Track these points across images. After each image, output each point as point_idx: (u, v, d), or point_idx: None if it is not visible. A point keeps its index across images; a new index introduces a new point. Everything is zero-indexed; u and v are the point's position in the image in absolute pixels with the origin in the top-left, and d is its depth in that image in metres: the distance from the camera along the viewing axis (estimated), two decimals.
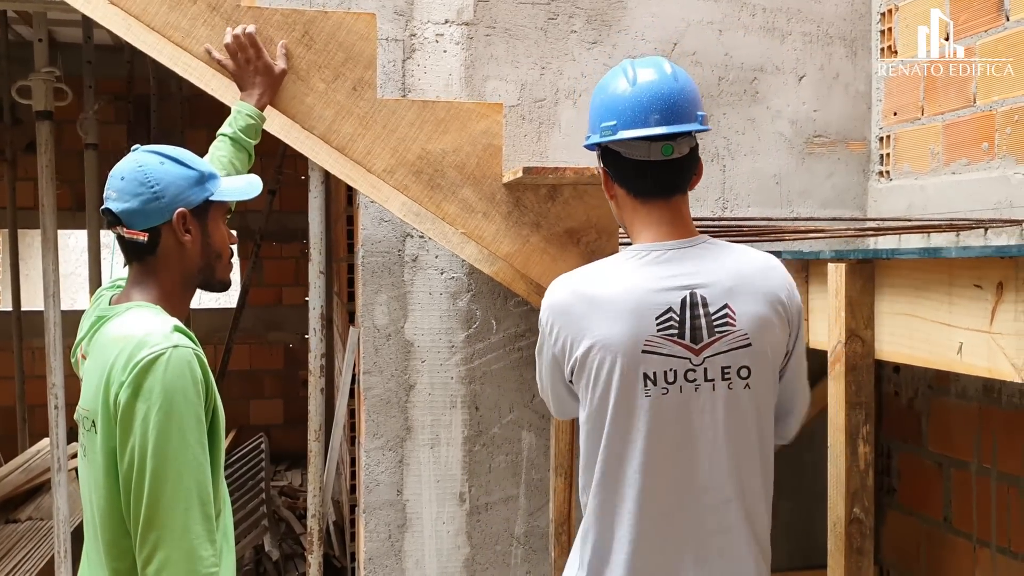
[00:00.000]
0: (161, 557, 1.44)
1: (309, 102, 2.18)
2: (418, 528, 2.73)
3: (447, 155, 2.24)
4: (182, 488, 1.46)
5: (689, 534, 1.67)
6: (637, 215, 1.74)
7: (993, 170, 2.56)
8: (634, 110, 1.68)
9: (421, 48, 2.72)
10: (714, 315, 1.64)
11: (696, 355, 1.63)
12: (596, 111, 1.76)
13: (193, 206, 1.64)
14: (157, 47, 2.19)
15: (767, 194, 2.97)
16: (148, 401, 1.45)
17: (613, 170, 1.75)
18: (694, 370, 1.63)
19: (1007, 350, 1.57)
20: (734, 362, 1.65)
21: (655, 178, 1.70)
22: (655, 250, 1.69)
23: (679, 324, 1.63)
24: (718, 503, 1.67)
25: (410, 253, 2.71)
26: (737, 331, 1.65)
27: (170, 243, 1.63)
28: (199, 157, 1.71)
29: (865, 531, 1.90)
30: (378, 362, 2.70)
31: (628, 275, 1.68)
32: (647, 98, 1.69)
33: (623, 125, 1.69)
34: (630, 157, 1.69)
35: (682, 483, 1.66)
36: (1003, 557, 2.70)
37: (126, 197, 1.60)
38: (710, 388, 1.64)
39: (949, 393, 2.93)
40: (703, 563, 1.66)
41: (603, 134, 1.71)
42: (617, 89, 1.72)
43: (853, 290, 1.92)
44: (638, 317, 1.62)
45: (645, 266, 1.68)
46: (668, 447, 1.64)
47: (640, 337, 1.62)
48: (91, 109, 4.13)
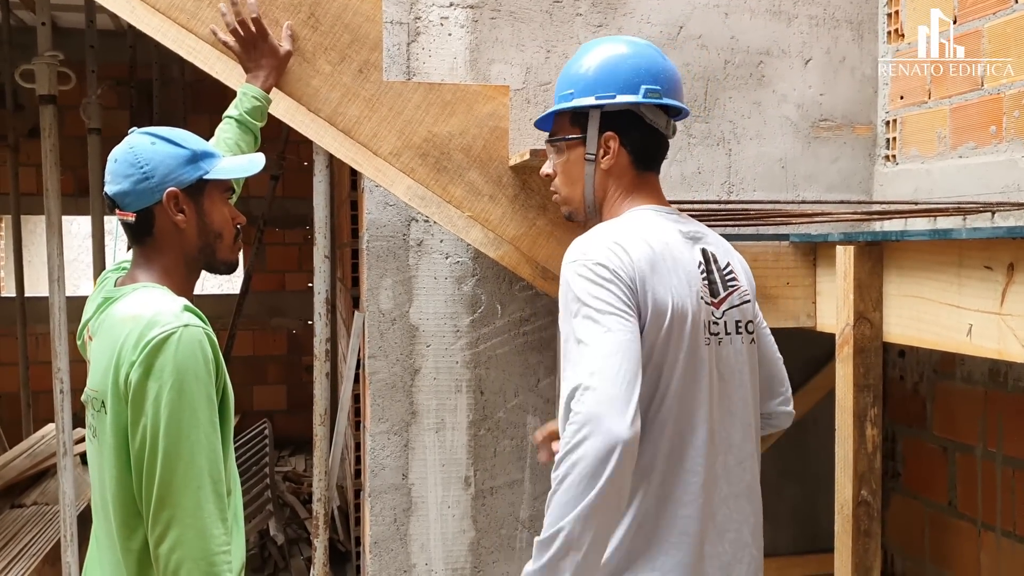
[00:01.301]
0: (174, 536, 1.44)
1: (315, 84, 2.17)
2: (423, 512, 2.74)
3: (453, 138, 2.23)
4: (194, 467, 1.46)
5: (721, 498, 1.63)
6: (635, 185, 1.73)
7: (1000, 153, 2.55)
8: (672, 83, 1.73)
9: (426, 31, 2.71)
10: (724, 270, 1.69)
11: (717, 308, 1.65)
12: (631, 71, 1.70)
13: (185, 185, 1.62)
14: (161, 29, 2.18)
15: (773, 178, 2.96)
16: (160, 380, 1.45)
17: (631, 136, 1.72)
18: (717, 323, 1.65)
19: (1017, 332, 1.56)
20: (743, 316, 1.70)
21: (660, 151, 1.76)
22: (665, 211, 1.72)
23: (708, 278, 1.66)
24: (742, 460, 1.67)
25: (415, 237, 2.71)
26: (741, 287, 1.71)
27: (166, 224, 1.63)
28: (198, 137, 1.69)
29: (872, 513, 1.90)
30: (383, 346, 2.70)
31: (664, 227, 1.66)
32: (676, 74, 1.75)
33: (667, 93, 1.71)
34: (655, 126, 1.71)
35: (727, 438, 1.64)
36: (1007, 541, 2.71)
37: (119, 179, 1.60)
38: (729, 341, 1.66)
39: (954, 377, 2.92)
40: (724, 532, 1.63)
41: (648, 95, 1.69)
42: (648, 53, 1.73)
43: (862, 272, 1.91)
44: (689, 264, 1.63)
45: (670, 222, 1.68)
46: (720, 399, 1.64)
47: (694, 286, 1.61)
48: (94, 94, 4.12)
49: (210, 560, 1.45)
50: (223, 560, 1.46)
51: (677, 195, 2.82)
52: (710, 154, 2.90)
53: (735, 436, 1.66)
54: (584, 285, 1.51)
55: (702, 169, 2.89)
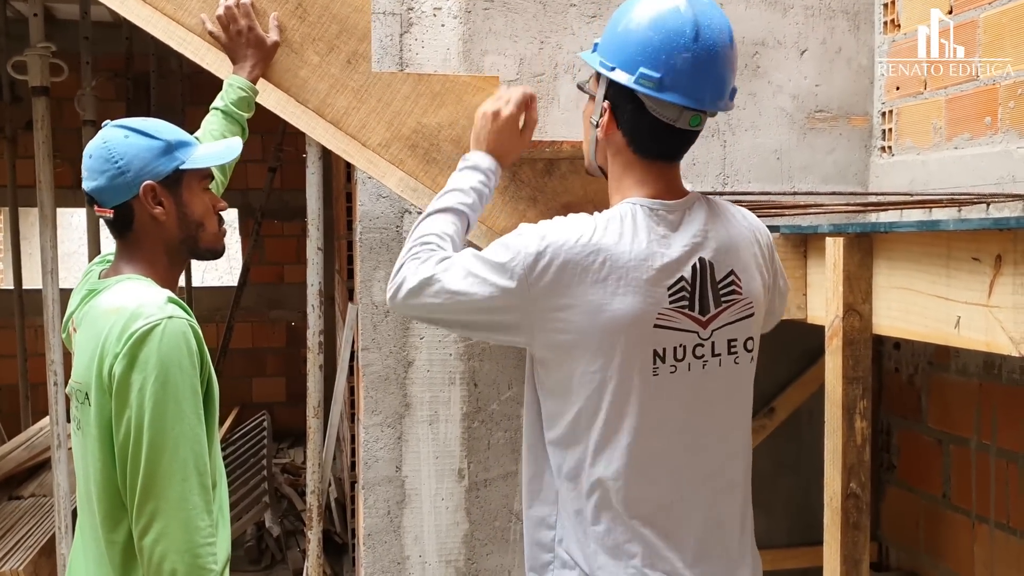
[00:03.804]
0: (158, 527, 1.44)
1: (303, 75, 2.16)
2: (417, 504, 2.74)
3: (443, 129, 2.22)
4: (178, 459, 1.46)
5: (690, 527, 1.55)
6: (633, 169, 1.56)
7: (996, 145, 2.53)
8: (689, 75, 1.45)
9: (419, 22, 2.69)
10: (721, 282, 1.52)
11: (704, 328, 1.50)
12: (637, 42, 1.47)
13: (162, 177, 1.60)
14: (151, 20, 2.17)
15: (768, 170, 2.95)
16: (144, 372, 1.45)
17: (626, 117, 1.52)
18: (702, 345, 1.50)
19: (1005, 324, 1.56)
20: (740, 334, 1.55)
21: (669, 142, 1.54)
22: (660, 208, 1.51)
23: (691, 296, 1.49)
24: (724, 488, 1.58)
25: (408, 229, 2.69)
26: (743, 300, 1.54)
27: (145, 217, 1.61)
28: (173, 126, 1.67)
29: (862, 506, 1.90)
30: (376, 339, 2.70)
31: (639, 234, 1.48)
32: (706, 63, 1.46)
33: (671, 85, 1.46)
34: (656, 115, 1.49)
35: (691, 468, 1.55)
36: (1001, 533, 2.71)
37: (94, 175, 1.59)
38: (716, 364, 1.52)
39: (949, 369, 2.92)
40: (702, 560, 1.55)
41: (640, 81, 1.46)
42: (672, 31, 1.45)
43: (851, 264, 1.90)
44: (652, 285, 1.46)
45: (655, 228, 1.50)
46: (672, 431, 1.52)
47: (653, 310, 1.46)
48: (88, 85, 4.11)
49: (194, 552, 1.44)
50: (208, 552, 1.46)
51: None
52: (705, 145, 2.89)
53: (718, 462, 1.57)
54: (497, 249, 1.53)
55: (697, 160, 2.88)
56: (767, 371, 3.04)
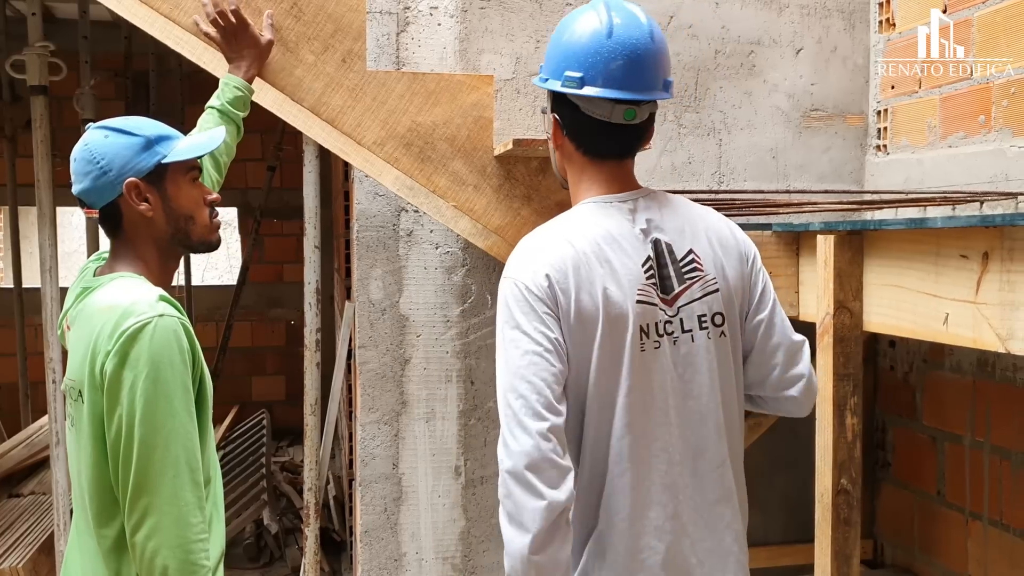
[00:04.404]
0: (150, 524, 1.45)
1: (298, 74, 2.17)
2: (414, 501, 2.75)
3: (437, 127, 2.23)
4: (170, 455, 1.47)
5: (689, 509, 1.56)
6: (585, 173, 1.62)
7: (989, 143, 2.54)
8: (606, 66, 1.53)
9: (415, 21, 2.70)
10: (682, 261, 1.57)
11: (669, 306, 1.54)
12: (560, 52, 1.58)
13: (144, 173, 1.60)
14: (148, 20, 2.18)
15: (764, 168, 2.95)
16: (135, 370, 1.46)
17: (567, 122, 1.60)
18: (671, 322, 1.54)
19: (992, 320, 1.57)
20: (708, 309, 1.57)
21: (611, 139, 1.59)
22: (613, 201, 1.59)
23: (657, 275, 1.54)
24: (718, 464, 1.58)
25: (405, 227, 2.71)
26: (707, 275, 1.58)
27: (133, 215, 1.62)
28: (155, 122, 1.67)
29: (852, 502, 1.91)
30: (373, 336, 2.71)
31: (604, 223, 1.55)
32: (622, 56, 1.53)
33: (591, 80, 1.54)
34: (589, 114, 1.56)
35: (695, 444, 1.56)
36: (995, 530, 2.72)
37: (80, 178, 1.61)
38: (689, 339, 1.55)
39: (943, 367, 2.93)
40: (698, 542, 1.57)
41: (566, 83, 1.56)
42: (587, 35, 1.55)
43: (842, 261, 1.91)
44: (630, 264, 1.52)
45: (615, 215, 1.57)
46: (683, 402, 1.55)
47: (633, 286, 1.52)
48: (87, 84, 4.12)
49: (187, 548, 1.45)
50: (200, 548, 1.47)
51: (667, 185, 2.82)
52: (701, 144, 2.90)
53: (706, 440, 1.58)
54: (512, 306, 1.52)
55: (692, 159, 2.89)
56: None
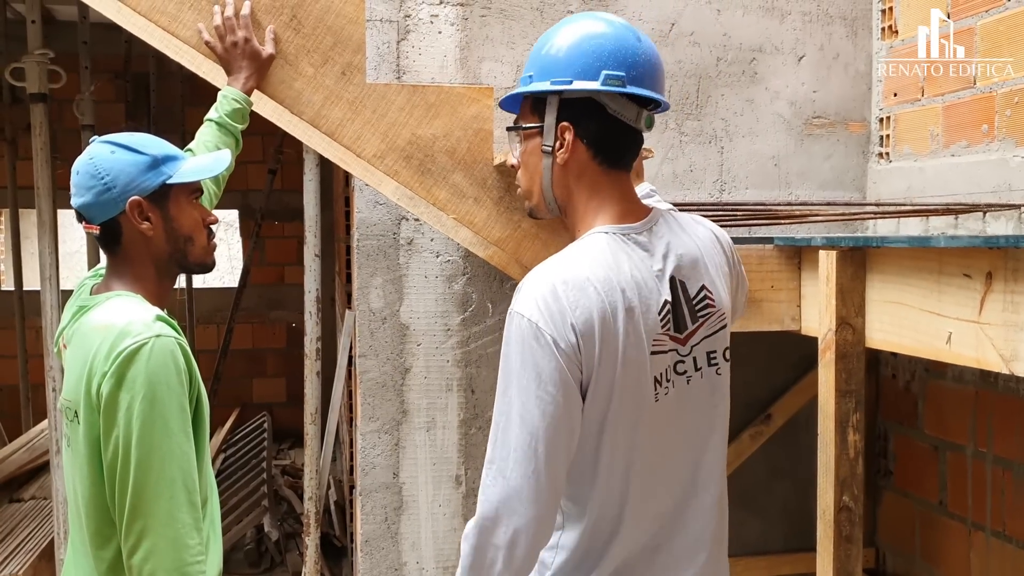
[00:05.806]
0: (147, 546, 1.45)
1: (298, 87, 2.16)
2: (414, 511, 2.74)
3: (437, 140, 2.22)
4: (166, 477, 1.46)
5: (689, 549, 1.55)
6: (599, 188, 1.55)
7: (992, 152, 2.53)
8: (644, 70, 1.51)
9: (416, 29, 2.69)
10: (695, 299, 1.53)
11: (683, 345, 1.50)
12: (587, 52, 1.51)
13: (148, 192, 1.60)
14: (147, 30, 2.17)
15: (765, 176, 2.94)
16: (131, 391, 1.45)
17: (590, 128, 1.52)
18: (683, 361, 1.50)
19: (995, 341, 1.56)
20: (719, 345, 1.56)
21: (628, 147, 1.56)
22: (631, 232, 1.52)
23: (672, 315, 1.49)
24: (713, 503, 1.57)
25: (405, 236, 2.70)
26: (717, 311, 1.55)
27: (133, 233, 1.61)
28: (161, 141, 1.66)
29: (854, 519, 1.90)
30: (373, 345, 2.70)
31: (626, 266, 1.47)
32: (649, 62, 1.53)
33: (632, 81, 1.49)
34: (617, 117, 1.51)
35: (686, 486, 1.55)
36: (997, 541, 2.71)
37: (81, 191, 1.60)
38: (699, 378, 1.53)
39: (945, 376, 2.92)
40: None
41: (608, 82, 1.49)
42: (614, 36, 1.52)
43: (844, 277, 1.90)
44: (651, 313, 1.46)
45: (633, 253, 1.49)
46: (670, 449, 1.52)
47: (650, 337, 1.46)
48: (87, 90, 4.11)
49: (183, 570, 1.45)
50: (197, 570, 1.46)
51: (669, 193, 2.81)
52: (702, 152, 2.88)
53: (706, 478, 1.57)
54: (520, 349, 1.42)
55: (694, 167, 2.88)
56: (764, 377, 3.05)
